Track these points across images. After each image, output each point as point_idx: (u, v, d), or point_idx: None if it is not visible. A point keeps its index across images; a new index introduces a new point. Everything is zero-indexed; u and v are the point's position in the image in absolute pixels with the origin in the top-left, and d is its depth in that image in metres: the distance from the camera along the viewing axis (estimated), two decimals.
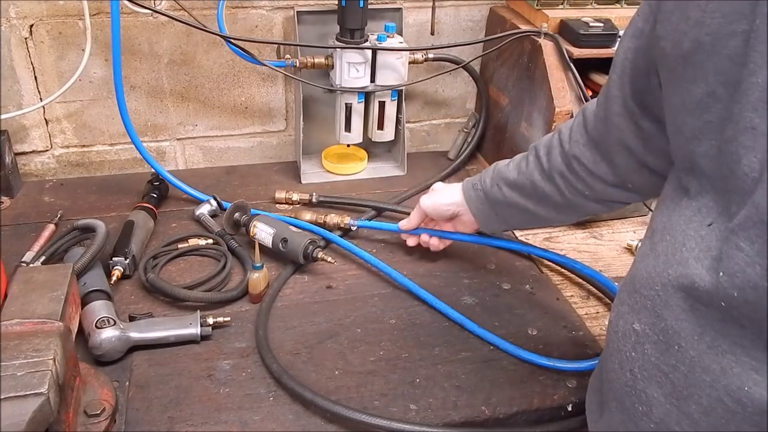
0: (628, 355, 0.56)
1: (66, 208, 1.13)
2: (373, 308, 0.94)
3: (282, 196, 1.18)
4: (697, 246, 0.49)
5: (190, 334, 0.85)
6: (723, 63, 0.47)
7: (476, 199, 0.91)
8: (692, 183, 0.53)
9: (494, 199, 0.89)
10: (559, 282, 1.04)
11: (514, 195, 0.86)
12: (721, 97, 0.48)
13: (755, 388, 0.45)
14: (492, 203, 0.89)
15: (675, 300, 0.51)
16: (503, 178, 0.87)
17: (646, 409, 0.54)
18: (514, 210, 0.87)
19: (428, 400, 0.79)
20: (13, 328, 0.64)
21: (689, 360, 0.49)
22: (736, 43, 0.46)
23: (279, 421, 0.75)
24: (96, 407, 0.72)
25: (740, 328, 0.46)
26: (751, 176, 0.44)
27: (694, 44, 0.49)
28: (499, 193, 0.87)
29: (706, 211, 0.50)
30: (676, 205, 0.55)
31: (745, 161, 0.45)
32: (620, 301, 0.59)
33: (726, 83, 0.47)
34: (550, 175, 0.80)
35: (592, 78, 1.18)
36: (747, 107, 0.45)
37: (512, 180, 0.86)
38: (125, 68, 1.17)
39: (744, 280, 0.44)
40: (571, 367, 0.84)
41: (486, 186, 0.90)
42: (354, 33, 1.13)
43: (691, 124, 0.51)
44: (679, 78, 0.52)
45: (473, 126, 1.37)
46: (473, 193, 0.92)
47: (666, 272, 0.52)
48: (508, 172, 0.87)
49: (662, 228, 0.55)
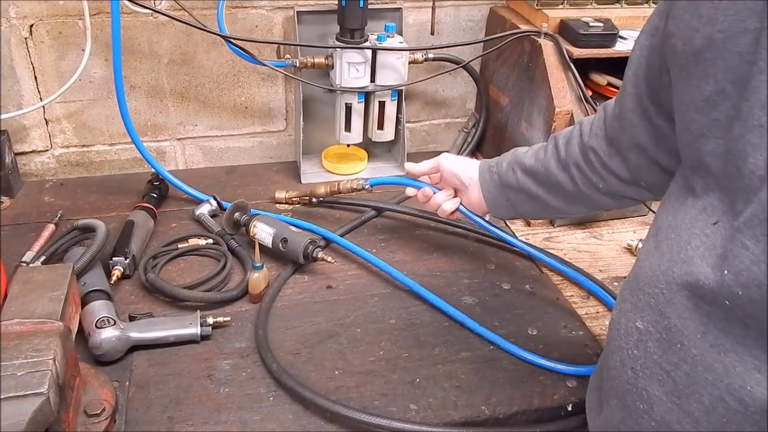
0: (630, 352, 0.56)
1: (66, 208, 1.13)
2: (373, 308, 0.94)
3: (282, 196, 1.18)
4: (702, 244, 0.49)
5: (190, 334, 0.85)
6: (733, 60, 0.47)
7: (490, 182, 0.90)
8: (698, 182, 0.53)
9: (507, 183, 0.88)
10: (559, 282, 1.04)
11: (527, 181, 0.85)
12: (730, 95, 0.48)
13: (757, 387, 0.45)
14: (505, 187, 0.89)
15: (679, 298, 0.51)
16: (519, 163, 0.87)
17: (647, 407, 0.54)
18: (524, 196, 0.87)
19: (428, 400, 0.79)
20: (13, 328, 0.64)
21: (691, 358, 0.49)
22: (747, 41, 0.46)
23: (279, 421, 0.75)
24: (96, 407, 0.72)
25: (743, 327, 0.46)
26: (757, 174, 0.44)
27: (706, 41, 0.49)
28: (513, 178, 0.87)
29: (711, 209, 0.50)
30: (682, 204, 0.55)
31: (752, 159, 0.45)
32: (623, 299, 0.59)
33: (735, 81, 0.47)
34: (566, 164, 0.80)
35: (592, 78, 1.18)
36: (756, 105, 0.45)
37: (528, 166, 0.85)
38: (125, 68, 1.17)
39: (749, 278, 0.44)
40: (571, 371, 0.84)
41: (502, 169, 0.89)
42: (354, 33, 1.13)
43: (699, 122, 0.51)
44: (689, 75, 0.52)
45: (473, 126, 1.37)
46: (488, 175, 0.91)
47: (670, 270, 0.52)
48: (526, 158, 0.86)
49: (667, 226, 0.55)
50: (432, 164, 0.98)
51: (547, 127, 1.09)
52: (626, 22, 1.16)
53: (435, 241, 1.10)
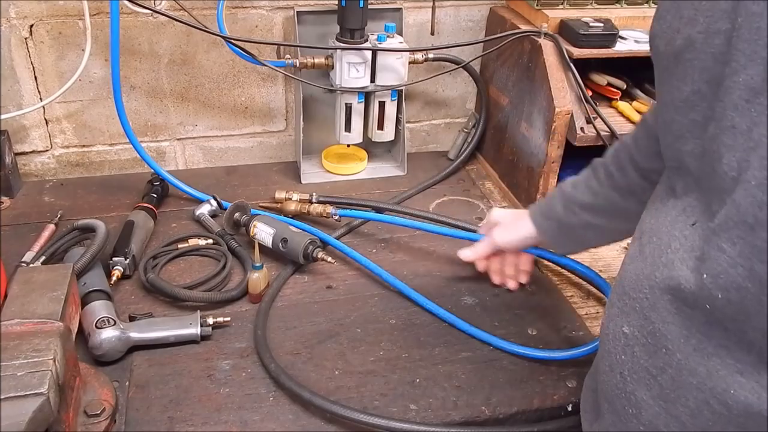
0: (618, 357, 0.56)
1: (66, 208, 1.13)
2: (373, 308, 0.94)
3: (282, 197, 1.17)
4: (682, 247, 0.50)
5: (190, 334, 0.85)
6: (708, 61, 0.47)
7: (549, 228, 0.86)
8: (679, 182, 0.53)
9: (570, 225, 0.83)
10: (559, 282, 1.04)
11: (590, 217, 0.81)
12: (706, 96, 0.48)
13: (740, 390, 0.45)
14: (569, 229, 0.84)
15: (662, 302, 0.51)
16: (576, 203, 0.82)
17: (635, 412, 0.54)
18: (594, 231, 0.83)
19: (428, 400, 0.79)
20: (13, 328, 0.64)
21: (676, 362, 0.50)
22: (720, 42, 0.46)
23: (279, 421, 0.75)
24: (96, 407, 0.72)
25: (724, 331, 0.46)
26: (730, 175, 0.45)
27: (686, 42, 0.49)
28: (575, 219, 0.82)
29: (690, 210, 0.51)
30: (663, 206, 0.55)
31: (725, 160, 0.45)
32: (610, 304, 0.60)
33: (710, 81, 0.47)
34: (632, 191, 0.76)
35: (592, 78, 1.18)
36: (729, 106, 0.45)
37: (588, 203, 0.81)
38: (125, 68, 1.17)
39: (727, 281, 0.44)
40: (564, 356, 0.83)
41: (558, 214, 0.84)
42: (354, 33, 1.13)
43: (678, 122, 0.52)
44: (670, 76, 0.52)
45: (473, 126, 1.37)
46: (546, 223, 0.86)
47: (653, 274, 0.52)
48: (580, 195, 0.82)
49: (650, 230, 0.56)
50: (489, 246, 0.92)
51: (547, 127, 1.09)
52: (626, 22, 1.16)
53: (435, 241, 1.10)
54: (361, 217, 1.11)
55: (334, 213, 1.08)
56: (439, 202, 1.24)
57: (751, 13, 0.43)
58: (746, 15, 0.44)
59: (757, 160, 0.42)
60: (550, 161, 1.11)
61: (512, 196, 1.25)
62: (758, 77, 0.43)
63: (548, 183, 1.13)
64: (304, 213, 1.11)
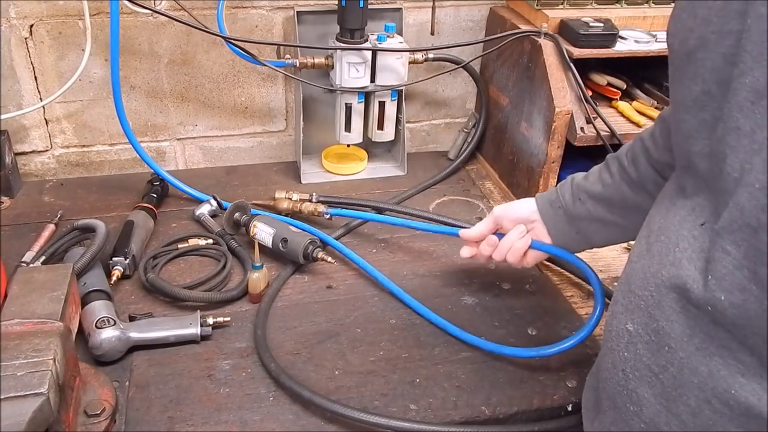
0: (621, 354, 0.56)
1: (66, 208, 1.13)
2: (373, 308, 0.94)
3: (282, 197, 1.17)
4: (690, 246, 0.50)
5: (190, 334, 0.85)
6: (718, 61, 0.47)
7: (554, 217, 0.84)
8: (689, 182, 0.53)
9: (577, 215, 0.82)
10: (559, 282, 1.04)
11: (599, 209, 0.80)
12: (715, 96, 0.48)
13: (741, 391, 0.45)
14: (574, 220, 0.83)
15: (667, 301, 0.51)
16: (586, 192, 0.81)
17: (636, 409, 0.54)
18: (598, 225, 0.81)
19: (428, 400, 0.79)
20: (13, 328, 0.64)
21: (678, 361, 0.50)
22: (730, 42, 0.46)
23: (279, 421, 0.75)
24: (96, 407, 0.72)
25: (727, 332, 0.46)
26: (732, 176, 0.45)
27: (699, 41, 0.49)
28: (582, 209, 0.81)
29: (699, 210, 0.51)
30: (673, 205, 0.55)
31: (729, 161, 0.45)
32: (615, 301, 0.60)
33: (719, 82, 0.47)
34: (642, 184, 0.76)
35: (592, 78, 1.18)
36: (735, 107, 0.45)
37: (597, 193, 0.80)
38: (125, 68, 1.17)
39: (732, 283, 0.44)
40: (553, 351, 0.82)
41: (566, 202, 0.83)
42: (354, 33, 1.13)
43: (688, 122, 0.52)
44: (682, 75, 0.52)
45: (473, 126, 1.37)
46: (551, 210, 0.84)
47: (660, 273, 0.52)
48: (590, 185, 0.81)
49: (658, 228, 0.55)
50: (489, 223, 0.90)
51: (548, 127, 1.09)
52: (626, 22, 1.16)
53: (435, 241, 1.10)
54: (352, 216, 1.11)
55: (326, 212, 1.08)
56: (439, 202, 1.24)
57: (759, 15, 0.43)
58: (755, 17, 0.44)
59: (760, 162, 0.42)
60: (550, 161, 1.11)
61: (512, 196, 1.25)
62: (763, 79, 0.43)
63: (548, 183, 1.13)
64: (296, 212, 1.11)
